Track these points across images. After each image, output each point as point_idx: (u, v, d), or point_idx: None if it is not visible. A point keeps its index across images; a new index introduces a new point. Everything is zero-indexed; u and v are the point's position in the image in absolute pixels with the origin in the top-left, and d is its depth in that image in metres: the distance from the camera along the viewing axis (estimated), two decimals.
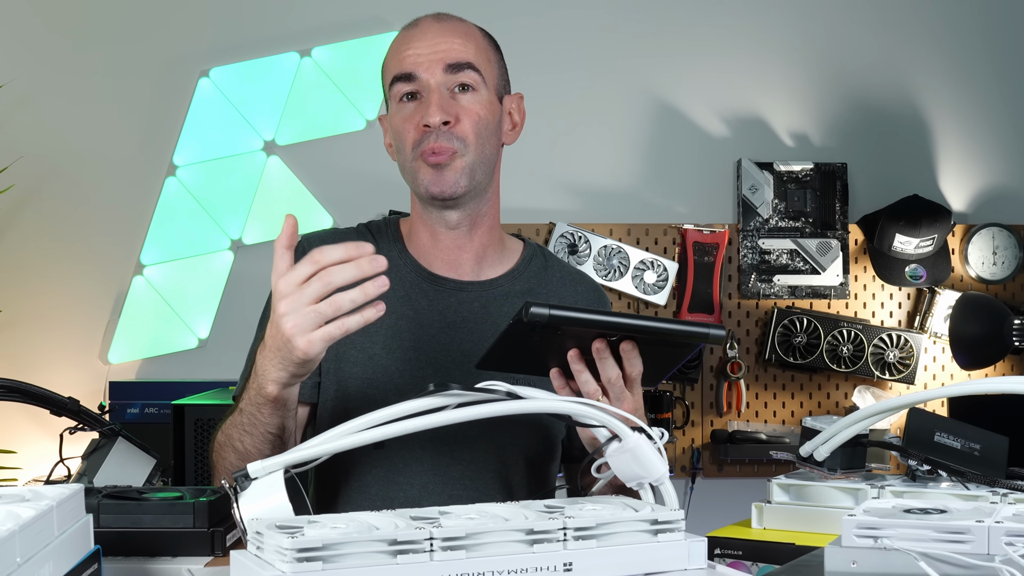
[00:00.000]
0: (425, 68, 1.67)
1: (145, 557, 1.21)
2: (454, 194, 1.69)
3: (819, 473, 1.41)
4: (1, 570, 0.84)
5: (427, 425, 1.13)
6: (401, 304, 1.73)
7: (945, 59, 3.86)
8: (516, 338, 1.36)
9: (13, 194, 3.48)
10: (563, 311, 1.32)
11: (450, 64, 1.68)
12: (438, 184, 1.68)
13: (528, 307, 1.30)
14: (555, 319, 1.31)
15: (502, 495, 1.69)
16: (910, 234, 3.59)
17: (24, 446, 3.40)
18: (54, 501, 0.98)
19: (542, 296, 1.79)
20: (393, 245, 1.79)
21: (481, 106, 1.70)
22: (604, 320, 1.36)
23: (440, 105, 1.66)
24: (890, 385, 3.71)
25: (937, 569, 0.93)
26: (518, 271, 1.80)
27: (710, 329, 1.35)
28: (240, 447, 1.54)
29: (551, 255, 1.88)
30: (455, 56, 1.68)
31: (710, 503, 3.55)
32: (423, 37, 1.70)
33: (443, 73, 1.67)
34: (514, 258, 1.82)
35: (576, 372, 1.41)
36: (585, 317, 1.35)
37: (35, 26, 3.61)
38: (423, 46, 1.69)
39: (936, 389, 1.23)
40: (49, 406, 1.62)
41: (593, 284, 1.89)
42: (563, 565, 1.01)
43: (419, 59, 1.68)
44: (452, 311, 1.74)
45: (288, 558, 0.92)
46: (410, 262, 1.77)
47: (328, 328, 1.36)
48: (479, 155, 1.69)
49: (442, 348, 1.71)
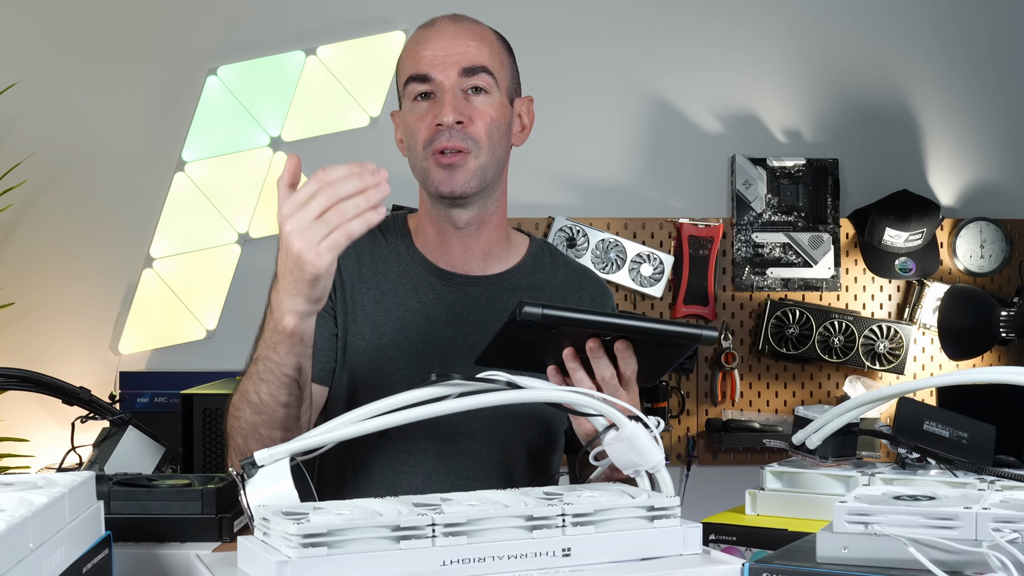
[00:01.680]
0: (440, 70, 1.67)
1: (154, 543, 1.21)
2: (464, 194, 1.68)
3: (811, 461, 1.41)
4: (15, 555, 0.84)
5: (430, 414, 1.13)
6: (409, 297, 1.73)
7: (934, 58, 3.86)
8: (512, 336, 1.35)
9: (26, 189, 3.48)
10: (556, 310, 1.31)
11: (465, 67, 1.67)
12: (449, 184, 1.67)
13: (521, 306, 1.29)
14: (548, 318, 1.30)
15: (504, 485, 1.69)
16: (900, 228, 3.59)
17: (37, 434, 3.41)
18: (66, 488, 0.98)
19: (548, 291, 1.78)
20: (401, 240, 1.78)
21: (493, 108, 1.69)
22: (597, 320, 1.35)
23: (454, 105, 1.65)
24: (880, 375, 3.71)
25: (926, 554, 0.93)
26: (524, 266, 1.80)
27: (703, 330, 1.34)
28: (256, 399, 1.49)
29: (557, 251, 1.87)
30: (470, 59, 1.67)
31: (705, 490, 3.55)
32: (439, 38, 1.69)
33: (458, 75, 1.67)
34: (520, 253, 1.81)
35: (571, 370, 1.40)
36: (578, 317, 1.34)
37: (48, 27, 3.60)
38: (439, 47, 1.68)
39: (925, 379, 1.23)
40: (61, 396, 1.62)
41: (598, 280, 1.87)
42: (562, 550, 1.01)
43: (435, 60, 1.67)
44: (459, 305, 1.73)
45: (294, 543, 0.92)
46: (417, 256, 1.76)
47: (334, 236, 1.34)
48: (490, 156, 1.69)
49: (449, 341, 1.71)
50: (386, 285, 1.74)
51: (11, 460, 3.31)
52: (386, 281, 1.74)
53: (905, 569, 0.94)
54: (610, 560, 1.02)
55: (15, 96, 3.49)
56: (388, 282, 1.74)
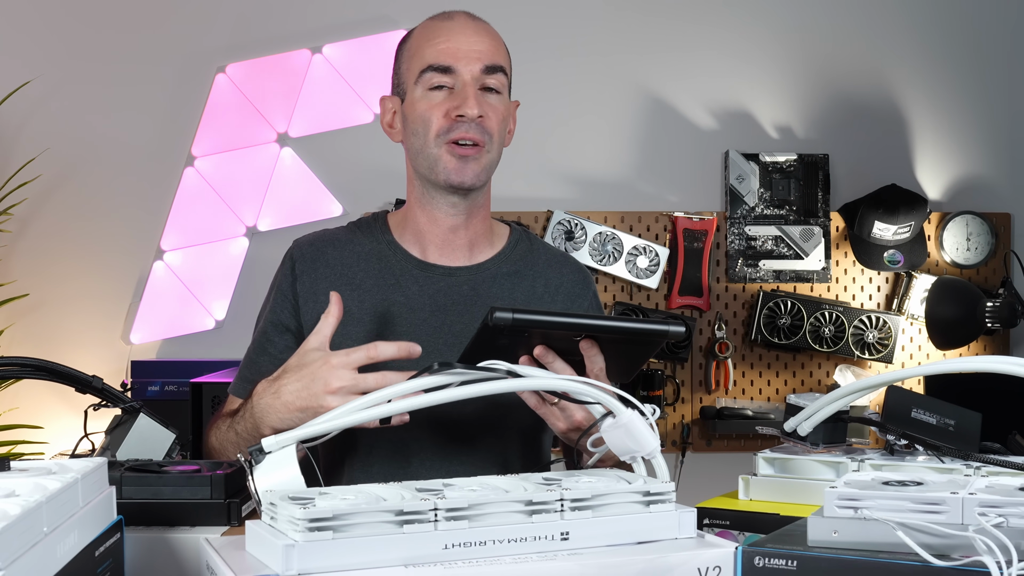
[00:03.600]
0: (465, 63, 1.66)
1: (165, 527, 1.21)
2: (473, 185, 1.69)
3: (802, 447, 1.41)
4: (29, 539, 0.84)
5: (432, 401, 1.13)
6: (392, 291, 1.72)
7: (922, 56, 3.85)
8: (487, 340, 1.35)
9: (40, 184, 3.48)
10: (526, 314, 1.32)
11: (488, 65, 1.67)
12: (460, 174, 1.67)
13: (492, 312, 1.30)
14: (519, 322, 1.31)
15: (498, 467, 1.69)
16: (888, 221, 3.59)
17: (50, 422, 3.41)
18: (79, 474, 0.98)
19: (528, 278, 1.78)
20: (382, 237, 1.77)
21: (504, 107, 1.71)
22: (565, 321, 1.36)
23: (477, 99, 1.66)
24: (869, 364, 3.71)
25: (914, 538, 0.93)
26: (505, 254, 1.79)
27: (669, 327, 1.36)
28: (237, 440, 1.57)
29: (536, 238, 1.87)
30: (492, 58, 1.68)
31: (699, 476, 3.56)
32: (463, 32, 1.69)
33: (480, 72, 1.67)
34: (501, 242, 1.81)
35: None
36: (547, 319, 1.35)
37: (60, 26, 3.59)
38: (462, 41, 1.67)
39: (913, 368, 1.23)
40: (74, 384, 1.61)
41: (578, 265, 1.87)
42: (560, 534, 1.01)
43: (459, 53, 1.67)
44: (442, 295, 1.72)
45: (300, 528, 0.92)
46: (400, 252, 1.75)
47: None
48: (498, 153, 1.71)
49: (433, 331, 1.70)
50: (368, 283, 1.73)
51: (26, 446, 3.31)
52: (368, 279, 1.73)
53: (894, 552, 0.94)
54: (607, 544, 1.02)
55: (30, 93, 3.49)
56: (371, 279, 1.73)
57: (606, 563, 0.98)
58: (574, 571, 0.97)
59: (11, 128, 3.54)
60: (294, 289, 1.74)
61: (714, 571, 1.00)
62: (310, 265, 1.75)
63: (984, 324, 3.58)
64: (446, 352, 1.67)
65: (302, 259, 1.76)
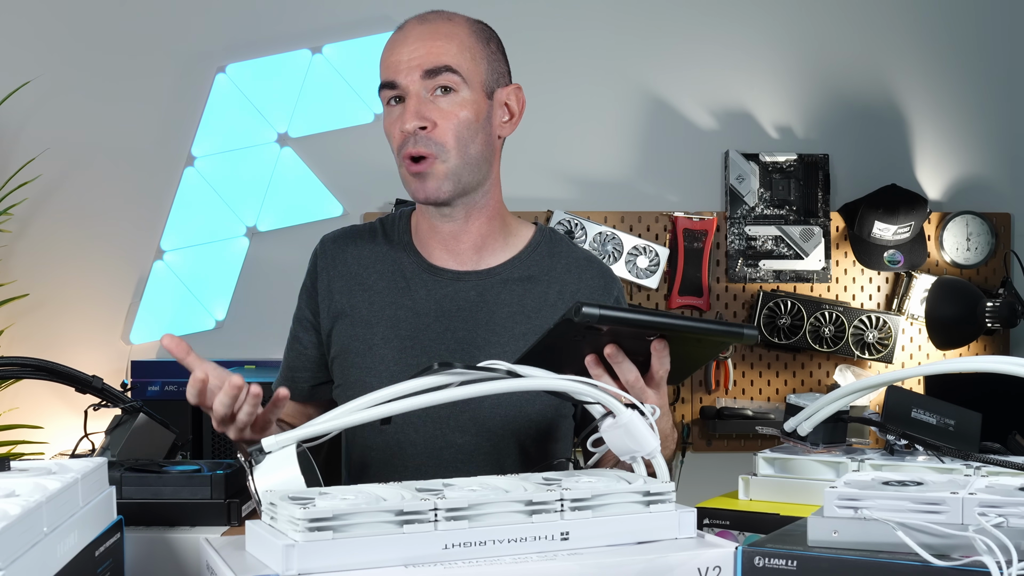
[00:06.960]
0: (404, 75, 1.62)
1: (165, 527, 1.21)
2: (438, 199, 1.65)
3: (802, 447, 1.41)
4: (29, 538, 0.84)
5: (432, 402, 1.13)
6: (401, 295, 1.71)
7: (923, 56, 3.86)
8: (561, 335, 1.31)
9: (40, 184, 3.48)
10: (613, 311, 1.27)
11: (427, 69, 1.61)
12: (422, 191, 1.65)
13: (579, 307, 1.25)
14: (605, 319, 1.27)
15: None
16: (888, 221, 3.59)
17: (50, 422, 3.41)
18: (79, 474, 0.98)
19: (543, 283, 1.73)
20: (401, 239, 1.77)
21: (462, 107, 1.63)
22: (651, 320, 1.32)
23: (415, 111, 1.61)
24: (869, 364, 3.71)
25: (914, 538, 0.93)
26: (520, 259, 1.74)
27: (744, 329, 1.32)
28: None
29: (562, 240, 1.80)
30: (432, 61, 1.62)
31: (699, 476, 3.55)
32: (404, 42, 1.64)
33: (420, 79, 1.62)
34: (519, 245, 1.76)
35: (596, 376, 1.35)
36: (634, 317, 1.30)
37: (61, 26, 3.59)
38: (404, 51, 1.63)
39: (913, 368, 1.23)
40: (74, 384, 1.61)
41: (603, 268, 1.79)
42: (560, 534, 1.01)
43: (399, 66, 1.63)
44: (448, 300, 1.70)
45: (300, 527, 0.92)
46: (414, 254, 1.74)
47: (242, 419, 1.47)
48: (461, 158, 1.64)
49: (437, 336, 1.68)
50: (380, 285, 1.73)
51: (26, 446, 3.31)
52: (381, 281, 1.73)
53: (894, 552, 0.94)
54: (607, 543, 1.02)
55: (30, 93, 3.49)
56: (383, 282, 1.73)
57: (606, 563, 0.98)
58: (574, 571, 0.97)
59: (11, 128, 3.54)
60: (315, 286, 1.77)
61: (714, 571, 1.00)
62: (330, 262, 1.77)
63: (984, 324, 3.58)
64: (448, 358, 1.65)
65: (323, 256, 1.78)
